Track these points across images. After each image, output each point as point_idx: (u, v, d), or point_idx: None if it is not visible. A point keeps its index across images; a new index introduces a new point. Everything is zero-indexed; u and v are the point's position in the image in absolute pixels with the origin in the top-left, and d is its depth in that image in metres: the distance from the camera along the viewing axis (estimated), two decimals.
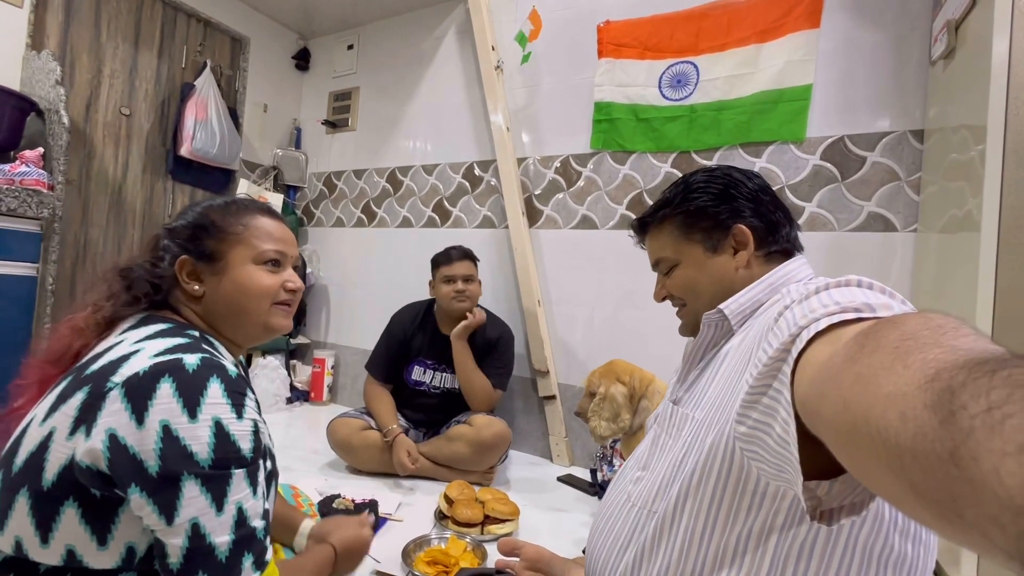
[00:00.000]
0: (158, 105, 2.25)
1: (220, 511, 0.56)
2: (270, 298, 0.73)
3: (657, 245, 0.74)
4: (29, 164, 1.64)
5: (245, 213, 0.74)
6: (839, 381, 0.29)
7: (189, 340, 0.63)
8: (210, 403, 0.57)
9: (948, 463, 0.20)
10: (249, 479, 0.59)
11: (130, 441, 0.54)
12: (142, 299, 0.69)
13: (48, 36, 1.90)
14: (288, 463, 1.72)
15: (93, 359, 0.61)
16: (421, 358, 1.85)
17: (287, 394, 2.46)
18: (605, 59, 1.94)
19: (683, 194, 0.71)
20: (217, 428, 0.57)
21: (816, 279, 0.56)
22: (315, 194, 2.79)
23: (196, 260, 0.71)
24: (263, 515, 0.61)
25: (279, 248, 0.74)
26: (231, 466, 0.57)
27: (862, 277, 0.42)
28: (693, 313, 0.71)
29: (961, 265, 1.11)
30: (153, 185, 2.27)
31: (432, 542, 1.18)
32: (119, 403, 0.55)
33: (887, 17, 1.53)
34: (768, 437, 0.41)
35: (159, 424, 0.54)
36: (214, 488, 0.56)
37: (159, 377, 0.56)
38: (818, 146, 1.61)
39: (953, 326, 0.26)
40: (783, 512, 0.48)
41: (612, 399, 1.37)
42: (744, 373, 0.52)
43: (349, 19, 2.63)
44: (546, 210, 2.08)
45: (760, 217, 0.68)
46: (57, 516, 0.55)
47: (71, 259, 1.98)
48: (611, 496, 0.69)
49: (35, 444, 0.57)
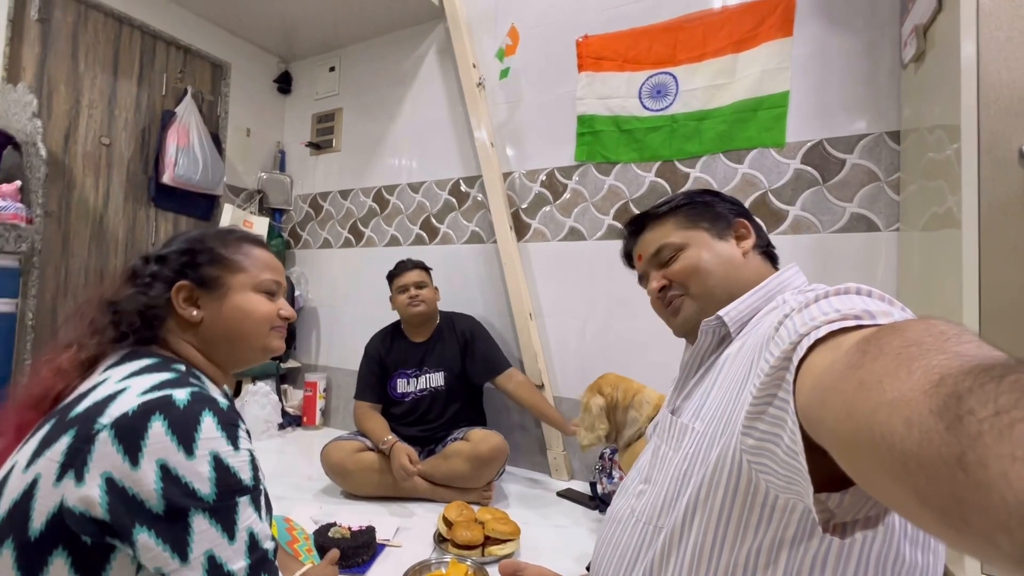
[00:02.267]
0: (139, 133, 2.23)
1: (232, 540, 0.56)
2: (269, 323, 0.75)
3: (660, 234, 0.73)
4: (6, 198, 1.62)
5: (243, 243, 0.77)
6: (841, 388, 0.29)
7: (176, 375, 0.62)
8: (205, 438, 0.56)
9: (955, 468, 0.20)
10: (254, 504, 0.59)
11: (127, 483, 0.53)
12: (130, 335, 0.67)
13: (24, 68, 1.88)
14: (282, 491, 1.68)
15: (76, 400, 0.59)
16: (400, 370, 1.89)
17: (279, 419, 2.41)
18: (585, 72, 1.96)
19: (687, 196, 0.75)
20: (216, 462, 0.56)
21: (815, 286, 0.56)
22: (301, 216, 2.78)
23: (195, 286, 0.72)
24: (271, 537, 0.62)
25: (275, 278, 0.78)
26: (235, 495, 0.57)
27: (861, 285, 0.42)
28: (695, 298, 0.69)
29: (945, 262, 1.12)
30: (135, 214, 2.24)
31: (432, 567, 1.16)
32: (110, 446, 0.53)
33: (857, 23, 1.57)
34: (777, 448, 0.41)
35: (156, 464, 0.53)
36: (223, 519, 0.55)
37: (149, 416, 0.55)
38: (798, 150, 1.64)
39: (956, 332, 0.26)
40: (793, 526, 0.47)
41: (587, 410, 1.42)
42: (746, 382, 0.51)
43: (330, 41, 2.64)
44: (534, 223, 2.09)
45: (752, 221, 0.73)
46: (45, 567, 0.53)
47: (51, 293, 1.94)
48: (615, 510, 0.68)
49: (19, 492, 0.55)
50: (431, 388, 1.87)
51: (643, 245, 0.76)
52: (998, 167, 1.00)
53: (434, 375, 1.87)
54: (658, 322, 0.79)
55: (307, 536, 1.17)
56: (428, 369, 1.88)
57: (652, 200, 1.85)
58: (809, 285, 0.63)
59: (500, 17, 2.16)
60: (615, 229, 1.92)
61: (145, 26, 2.22)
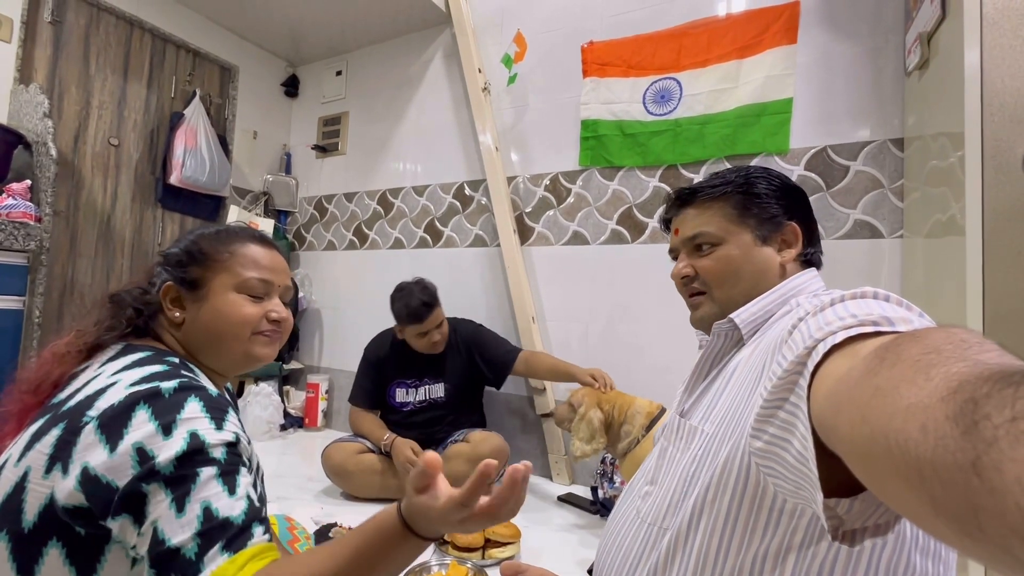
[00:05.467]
0: (147, 135, 2.26)
1: (181, 512, 0.51)
2: (250, 327, 0.70)
3: (702, 219, 0.68)
4: (16, 197, 1.63)
5: (234, 240, 0.73)
6: (857, 394, 0.28)
7: (167, 367, 0.61)
8: (186, 418, 0.55)
9: (970, 474, 0.19)
10: (221, 479, 0.54)
11: (101, 471, 0.52)
12: (125, 323, 0.68)
13: (36, 69, 1.91)
14: (283, 492, 1.68)
15: (71, 395, 0.60)
16: (400, 380, 1.86)
17: (281, 421, 2.41)
18: (590, 78, 1.98)
19: (745, 177, 0.68)
20: (192, 438, 0.54)
21: (830, 291, 0.55)
22: (306, 218, 2.79)
23: (179, 287, 0.70)
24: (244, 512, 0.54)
25: (264, 276, 0.72)
26: (197, 467, 0.53)
27: (879, 289, 0.41)
28: (716, 302, 0.66)
29: (949, 269, 1.12)
30: (142, 214, 2.26)
31: (432, 569, 1.15)
32: (93, 435, 0.53)
33: (862, 31, 1.57)
34: (786, 453, 0.40)
35: (132, 447, 0.52)
36: (176, 489, 0.52)
37: (134, 406, 0.55)
38: (802, 157, 1.64)
39: (977, 341, 0.26)
40: (801, 530, 0.46)
41: (589, 422, 1.43)
42: (757, 386, 0.50)
43: (337, 46, 2.67)
44: (537, 227, 2.09)
45: (807, 224, 0.68)
46: (40, 558, 0.53)
47: (58, 291, 1.96)
48: (619, 511, 0.68)
49: (11, 485, 0.55)
50: (431, 399, 1.84)
51: (683, 222, 0.71)
52: (1002, 174, 1.00)
53: (434, 386, 1.84)
54: (659, 327, 0.79)
55: (308, 536, 1.17)
56: (429, 380, 1.84)
57: (655, 206, 1.85)
58: (825, 289, 0.62)
59: (506, 23, 2.18)
60: (618, 234, 1.92)
61: (156, 29, 2.25)
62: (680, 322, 0.82)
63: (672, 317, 1.70)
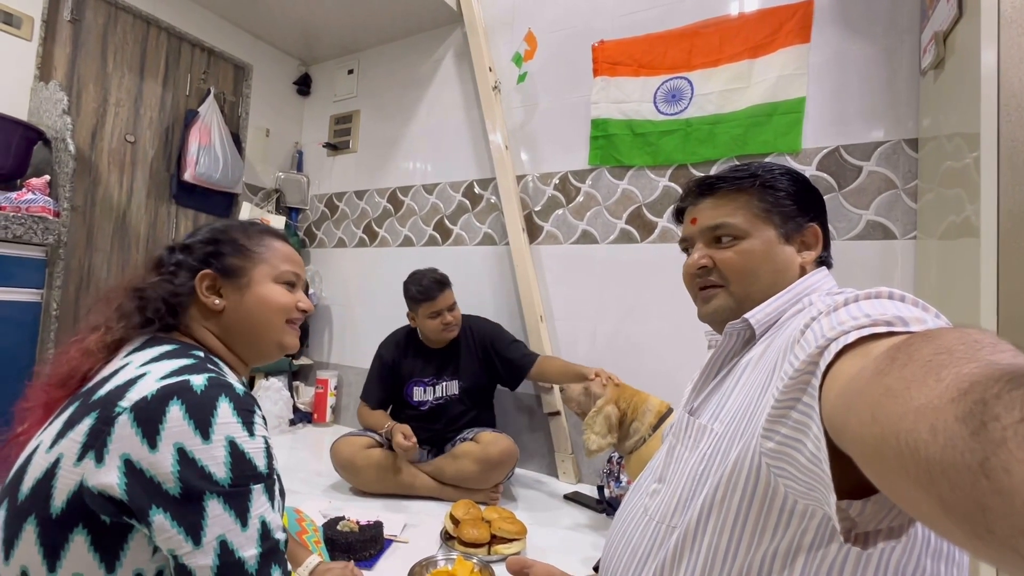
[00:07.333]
0: (162, 132, 2.29)
1: (245, 526, 0.57)
2: (285, 314, 0.76)
3: (726, 210, 0.66)
4: (35, 192, 1.67)
5: (265, 235, 0.79)
6: (868, 394, 0.28)
7: (194, 360, 0.63)
8: (221, 423, 0.57)
9: (978, 475, 0.19)
10: (267, 493, 0.60)
11: (145, 465, 0.54)
12: (155, 320, 0.69)
13: (56, 67, 1.95)
14: (292, 485, 1.70)
15: (100, 383, 0.61)
16: (417, 378, 1.87)
17: (290, 415, 2.44)
18: (600, 77, 1.97)
19: (770, 172, 0.67)
20: (231, 447, 0.57)
21: (844, 290, 0.54)
22: (317, 215, 2.82)
23: (219, 275, 0.73)
24: (283, 529, 0.62)
25: (295, 270, 0.79)
26: (249, 483, 0.58)
27: (893, 289, 0.41)
28: (733, 296, 0.65)
29: (962, 271, 1.11)
30: (157, 210, 2.29)
31: (439, 563, 1.16)
32: (129, 428, 0.55)
33: (876, 30, 1.56)
34: (799, 454, 0.40)
35: (173, 447, 0.55)
36: (236, 505, 0.56)
37: (167, 400, 0.56)
38: (814, 157, 1.63)
39: (991, 341, 0.25)
40: (811, 531, 0.46)
41: (607, 417, 1.42)
42: (768, 386, 0.50)
43: (349, 45, 2.69)
44: (546, 226, 2.10)
45: (825, 226, 0.68)
46: (66, 544, 0.55)
47: (75, 284, 2.00)
48: (626, 509, 0.67)
49: (41, 471, 0.57)
50: (447, 396, 1.85)
51: (703, 211, 0.68)
52: (1018, 175, 0.98)
53: (450, 383, 1.85)
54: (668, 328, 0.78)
55: (316, 528, 1.19)
56: (445, 377, 1.86)
57: (665, 206, 1.85)
58: (838, 289, 0.61)
59: (517, 22, 2.18)
60: (627, 233, 1.92)
61: (171, 28, 2.28)
62: (688, 322, 0.81)
63: (680, 317, 1.69)
